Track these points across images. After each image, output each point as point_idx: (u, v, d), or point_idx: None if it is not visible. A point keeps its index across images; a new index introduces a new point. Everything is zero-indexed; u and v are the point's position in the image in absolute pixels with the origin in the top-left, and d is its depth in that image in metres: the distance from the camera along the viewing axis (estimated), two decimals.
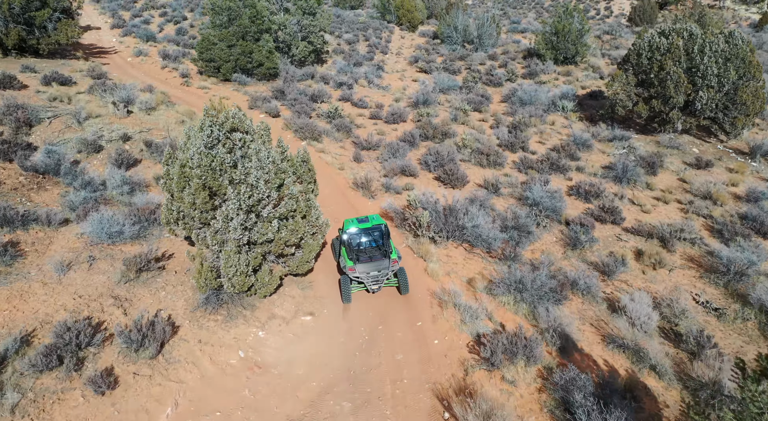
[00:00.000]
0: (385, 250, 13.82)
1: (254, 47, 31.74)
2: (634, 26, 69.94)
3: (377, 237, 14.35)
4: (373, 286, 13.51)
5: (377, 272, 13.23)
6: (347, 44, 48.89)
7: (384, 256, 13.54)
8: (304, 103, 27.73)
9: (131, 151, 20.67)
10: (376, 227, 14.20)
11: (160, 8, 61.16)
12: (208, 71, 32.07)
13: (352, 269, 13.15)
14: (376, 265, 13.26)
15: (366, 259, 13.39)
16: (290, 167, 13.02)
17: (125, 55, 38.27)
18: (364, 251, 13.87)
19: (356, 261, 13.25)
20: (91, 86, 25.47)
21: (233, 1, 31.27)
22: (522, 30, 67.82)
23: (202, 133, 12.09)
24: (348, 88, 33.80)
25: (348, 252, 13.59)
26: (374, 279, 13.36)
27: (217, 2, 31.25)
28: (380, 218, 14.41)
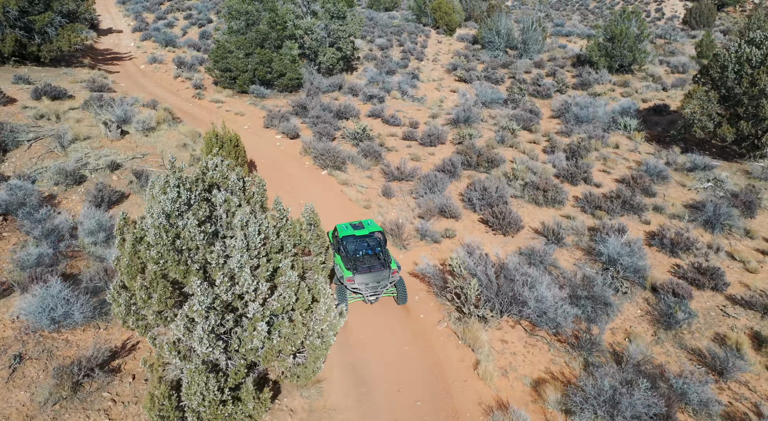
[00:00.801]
0: (384, 259, 13.05)
1: (274, 56, 28.31)
2: (689, 29, 64.48)
3: (374, 245, 13.72)
4: (371, 297, 12.80)
5: (377, 284, 12.60)
6: (380, 50, 45.23)
7: (383, 266, 12.83)
8: (327, 122, 24.12)
9: (118, 183, 17.35)
10: (372, 235, 13.51)
11: (185, 10, 58.60)
12: (223, 82, 28.79)
13: (350, 280, 12.44)
14: (375, 276, 12.59)
15: (365, 269, 12.66)
16: (291, 238, 9.32)
17: (139, 62, 35.37)
18: (362, 261, 13.09)
19: (355, 271, 12.51)
20: (86, 101, 22.36)
21: (251, 4, 27.91)
22: (566, 33, 63.18)
23: (165, 197, 8.47)
24: (379, 101, 30.09)
25: (345, 261, 12.81)
26: (373, 290, 12.68)
27: (234, 5, 27.93)
28: (376, 224, 13.69)
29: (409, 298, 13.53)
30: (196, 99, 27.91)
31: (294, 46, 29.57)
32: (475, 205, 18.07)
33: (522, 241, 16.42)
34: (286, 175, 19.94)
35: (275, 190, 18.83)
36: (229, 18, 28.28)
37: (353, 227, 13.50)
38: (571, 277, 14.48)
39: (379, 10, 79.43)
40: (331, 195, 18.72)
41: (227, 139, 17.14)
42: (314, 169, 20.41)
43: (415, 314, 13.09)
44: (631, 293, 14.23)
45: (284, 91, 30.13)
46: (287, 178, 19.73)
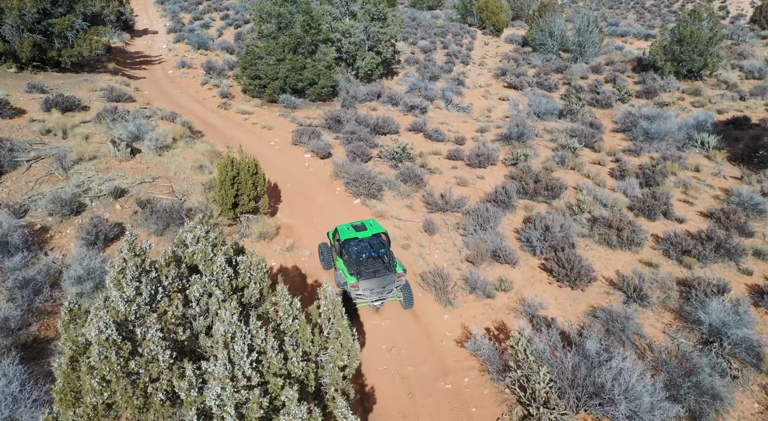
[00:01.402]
0: (388, 262, 12.55)
1: (307, 62, 25.80)
2: (759, 29, 59.32)
3: (377, 247, 13.00)
4: (376, 302, 12.32)
5: (382, 289, 12.14)
6: (422, 53, 42.34)
7: (388, 269, 12.35)
8: (363, 139, 21.45)
9: (121, 213, 15.10)
10: (375, 236, 13.12)
11: (222, 10, 56.97)
12: (252, 90, 26.47)
13: (354, 286, 11.96)
14: (380, 281, 12.11)
15: (369, 274, 12.18)
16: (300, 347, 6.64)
17: (168, 66, 33.48)
18: (366, 265, 12.50)
19: (359, 277, 12.04)
20: (99, 113, 20.30)
21: (284, 5, 25.46)
22: (621, 34, 58.97)
23: (119, 295, 5.92)
24: (421, 112, 27.26)
25: (347, 266, 12.29)
26: (378, 295, 12.20)
27: (265, 7, 25.53)
28: (378, 224, 13.33)
29: (459, 381, 10.75)
30: (221, 109, 25.65)
31: (329, 50, 27.01)
32: (535, 248, 15.09)
33: (595, 296, 13.40)
34: (313, 204, 17.35)
35: (298, 222, 16.27)
36: (259, 21, 25.94)
37: (355, 228, 12.96)
38: (663, 352, 11.42)
39: (422, 9, 76.39)
40: None
41: (244, 167, 14.63)
42: (346, 196, 17.76)
43: (465, 404, 10.28)
44: (743, 378, 11.11)
45: (317, 101, 27.62)
46: (314, 207, 17.14)
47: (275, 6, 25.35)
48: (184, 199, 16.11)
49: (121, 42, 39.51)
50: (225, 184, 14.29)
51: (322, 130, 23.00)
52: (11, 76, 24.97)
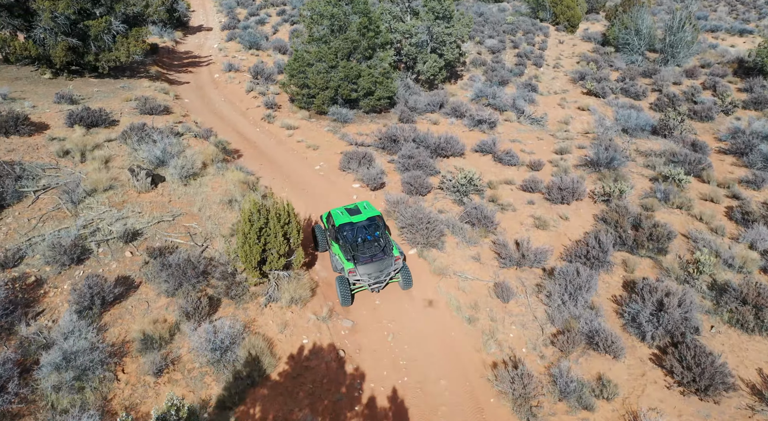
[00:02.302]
0: (385, 245, 12.35)
1: (363, 69, 22.77)
2: None
3: (373, 231, 12.67)
4: (375, 286, 12.21)
5: (379, 272, 12.05)
6: (490, 53, 38.53)
7: (385, 253, 12.20)
8: (422, 165, 18.25)
9: (130, 263, 12.60)
10: (370, 220, 12.69)
11: (279, 5, 54.79)
12: (299, 100, 23.70)
13: (352, 272, 11.91)
14: (378, 265, 12.05)
15: (366, 259, 12.03)
16: None
17: (216, 69, 31.24)
18: (362, 250, 12.23)
19: (356, 262, 11.93)
20: (125, 131, 17.99)
21: (338, 5, 22.46)
22: (712, 29, 53.19)
23: None
24: (489, 127, 23.75)
25: (343, 251, 12.08)
26: (376, 280, 12.08)
27: (317, 6, 22.62)
28: (373, 207, 13.21)
29: None
30: (265, 122, 22.98)
31: (387, 55, 23.87)
32: (644, 331, 11.54)
33: (735, 414, 9.79)
34: None
35: None
36: (310, 23, 23.06)
37: (349, 211, 12.83)
38: None
39: (488, 2, 72.03)
40: (424, 297, 12.88)
41: (273, 215, 11.75)
42: (400, 243, 14.62)
43: None
44: None
45: (371, 113, 24.57)
46: None
47: (328, 6, 22.39)
48: (206, 246, 13.44)
49: (171, 41, 37.74)
50: (249, 238, 11.46)
51: (374, 152, 19.93)
52: (44, 83, 23.19)
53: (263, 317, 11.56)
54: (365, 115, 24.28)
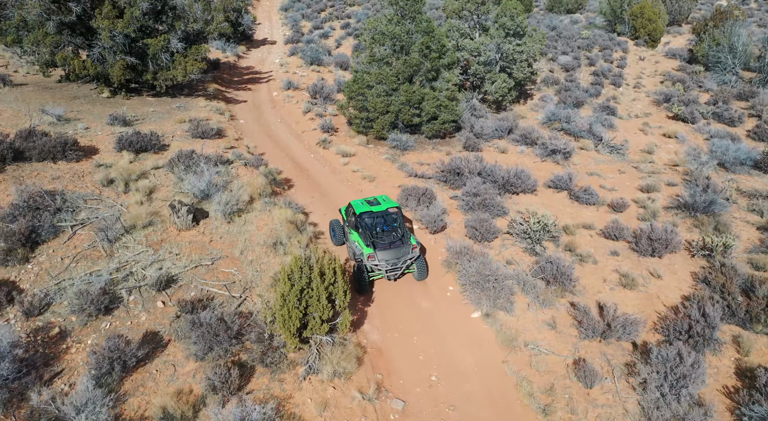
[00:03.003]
0: (402, 234, 13.08)
1: (426, 93, 21.12)
2: None
3: (391, 221, 13.61)
4: (391, 273, 12.82)
5: (397, 259, 12.62)
6: (563, 71, 36.04)
7: (402, 242, 12.85)
8: (488, 204, 16.36)
9: (161, 315, 11.41)
10: (389, 210, 13.66)
11: (344, 18, 54.07)
12: (357, 124, 22.28)
13: (371, 257, 12.52)
14: (395, 252, 12.65)
15: (385, 245, 12.68)
16: None
17: (275, 86, 30.41)
18: (381, 237, 13.00)
19: (375, 248, 12.55)
20: (172, 160, 17.06)
21: (401, 24, 20.93)
22: None
23: None
24: (564, 157, 21.54)
25: (363, 238, 12.82)
26: (393, 266, 12.65)
27: (378, 26, 21.17)
28: (391, 200, 13.96)
29: None
30: (320, 148, 21.69)
31: (453, 76, 22.12)
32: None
33: None
34: (416, 311, 12.58)
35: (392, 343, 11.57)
36: (371, 43, 21.63)
37: (368, 203, 13.52)
38: None
39: (560, 13, 68.94)
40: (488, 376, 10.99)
41: (316, 274, 10.22)
42: (460, 302, 12.79)
43: None
44: None
45: (434, 138, 22.84)
46: (416, 317, 12.38)
47: (390, 25, 20.90)
48: (244, 298, 12.08)
49: (233, 56, 37.42)
50: (289, 301, 9.97)
51: (435, 186, 18.21)
52: (101, 102, 22.84)
53: (301, 393, 10.01)
54: (427, 140, 22.59)
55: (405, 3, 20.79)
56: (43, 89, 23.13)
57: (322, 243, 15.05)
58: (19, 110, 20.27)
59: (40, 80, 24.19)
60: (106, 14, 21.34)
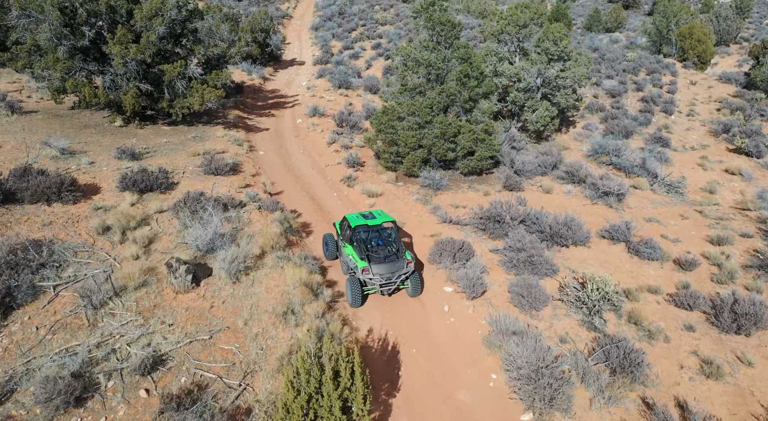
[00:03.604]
0: (397, 249, 13.06)
1: (462, 126, 19.01)
2: None
3: (386, 236, 13.67)
4: (384, 288, 12.68)
5: (391, 274, 12.53)
6: (609, 96, 33.51)
7: (398, 256, 12.81)
8: (535, 262, 14.05)
9: (144, 407, 9.41)
10: (384, 225, 13.82)
11: (375, 38, 52.45)
12: (386, 159, 20.25)
13: (366, 271, 12.43)
14: (390, 266, 12.57)
15: (379, 259, 12.66)
16: None
17: (300, 112, 28.68)
18: (376, 251, 13.06)
19: (369, 261, 12.51)
20: (177, 204, 15.25)
21: (436, 51, 18.93)
22: None
23: None
24: (616, 199, 19.10)
25: (357, 251, 12.80)
26: (388, 281, 12.51)
27: (412, 53, 19.20)
28: (386, 214, 13.86)
29: None
30: (344, 185, 19.68)
31: (491, 107, 19.97)
32: None
33: None
34: (450, 411, 10.32)
35: None
36: (402, 70, 19.66)
37: (364, 216, 13.44)
38: None
39: (599, 32, 66.30)
40: None
41: (328, 377, 8.11)
42: (505, 397, 10.50)
43: None
44: None
45: (470, 174, 20.65)
46: (448, 418, 10.12)
47: (425, 52, 18.90)
48: (244, 388, 10.03)
49: (259, 78, 35.95)
50: (293, 413, 7.86)
51: (473, 234, 15.99)
52: (113, 131, 21.34)
53: None
54: (462, 177, 20.41)
55: (441, 28, 18.78)
56: (54, 117, 21.78)
57: (341, 306, 12.95)
58: (23, 141, 18.86)
59: (52, 107, 22.89)
60: (119, 39, 19.88)
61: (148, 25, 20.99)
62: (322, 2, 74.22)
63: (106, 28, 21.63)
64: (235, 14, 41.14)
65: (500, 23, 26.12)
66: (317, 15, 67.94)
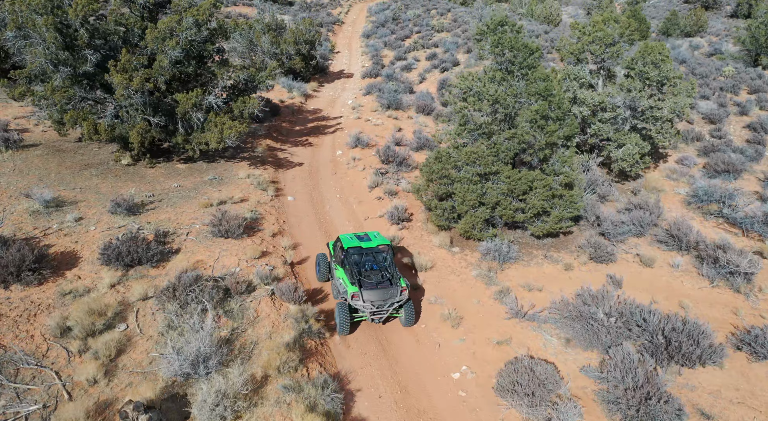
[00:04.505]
0: (392, 274, 12.14)
1: (536, 177, 14.80)
2: None
3: (381, 260, 12.62)
4: (374, 316, 11.74)
5: (383, 301, 11.63)
6: (706, 122, 28.28)
7: (391, 283, 11.90)
8: (652, 409, 9.68)
9: None
10: (379, 248, 12.79)
11: (430, 47, 48.39)
12: (439, 216, 16.22)
13: (356, 297, 11.57)
14: (382, 293, 11.67)
15: (371, 285, 11.74)
16: None
17: (341, 141, 25.02)
18: (368, 276, 12.07)
19: (360, 287, 11.63)
20: (166, 290, 11.74)
21: (506, 83, 14.79)
22: None
23: None
24: (744, 279, 14.38)
25: (348, 275, 11.93)
26: (378, 309, 11.59)
27: (473, 85, 15.11)
28: (383, 237, 13.13)
29: None
30: None
31: (572, 154, 15.66)
32: None
33: None
34: None
35: None
36: (461, 107, 15.57)
37: (358, 238, 12.72)
38: None
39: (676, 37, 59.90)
40: None
41: None
42: None
43: None
44: None
45: (545, 237, 16.35)
46: None
47: (492, 84, 14.78)
48: None
49: (300, 96, 32.54)
50: None
51: (555, 342, 11.78)
52: (117, 172, 18.24)
53: None
54: (536, 241, 16.15)
55: (514, 54, 14.60)
56: (54, 153, 18.88)
57: None
58: (8, 187, 15.92)
59: (57, 139, 20.06)
60: (123, 66, 16.70)
61: (160, 47, 17.76)
62: (376, 7, 70.83)
63: (119, 49, 18.59)
64: (279, 24, 37.98)
65: (582, 40, 21.62)
66: (370, 20, 64.54)
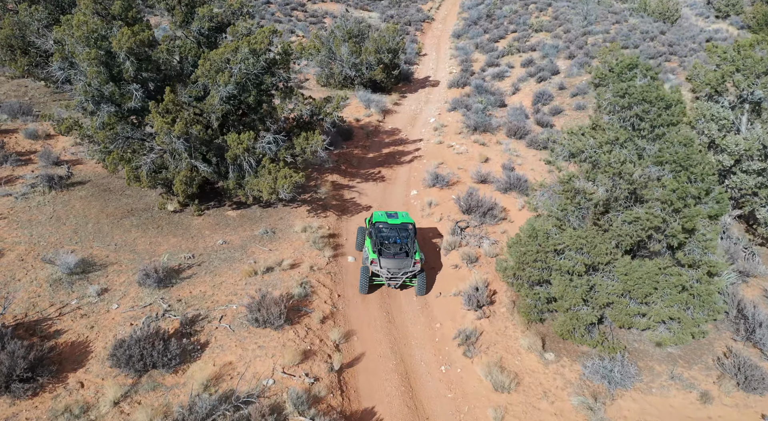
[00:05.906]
0: (409, 248, 13.80)
1: (665, 270, 11.03)
2: None
3: (403, 235, 14.22)
4: (391, 282, 13.70)
5: (397, 270, 13.49)
6: None
7: (407, 255, 13.62)
8: None
9: None
10: (404, 225, 14.31)
11: (527, 51, 43.90)
12: (530, 310, 12.75)
13: (374, 262, 13.51)
14: (397, 262, 13.48)
15: (389, 255, 13.52)
16: None
17: (417, 176, 21.95)
18: (388, 247, 13.78)
19: (379, 255, 13.46)
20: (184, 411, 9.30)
21: (628, 145, 11.11)
22: None
23: None
24: None
25: (372, 245, 13.77)
26: (393, 275, 13.49)
27: (584, 146, 11.53)
28: (409, 217, 14.86)
29: None
30: (459, 352, 12.52)
31: (715, 237, 11.71)
32: None
33: None
34: None
35: None
36: (568, 179, 12.01)
37: (388, 215, 14.54)
38: None
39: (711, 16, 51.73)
40: None
41: None
42: None
43: None
44: None
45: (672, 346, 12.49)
46: None
47: (611, 146, 11.13)
48: None
49: (378, 113, 29.66)
50: None
51: None
52: (160, 221, 16.26)
53: None
54: (656, 349, 12.38)
55: (645, 110, 10.88)
56: (100, 193, 17.21)
57: None
58: (38, 243, 14.27)
59: (106, 174, 18.36)
60: (165, 108, 14.54)
61: (212, 81, 15.48)
62: (469, 1, 66.50)
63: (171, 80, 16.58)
64: (362, 29, 35.21)
65: (722, 68, 17.17)
66: (462, 17, 60.56)
